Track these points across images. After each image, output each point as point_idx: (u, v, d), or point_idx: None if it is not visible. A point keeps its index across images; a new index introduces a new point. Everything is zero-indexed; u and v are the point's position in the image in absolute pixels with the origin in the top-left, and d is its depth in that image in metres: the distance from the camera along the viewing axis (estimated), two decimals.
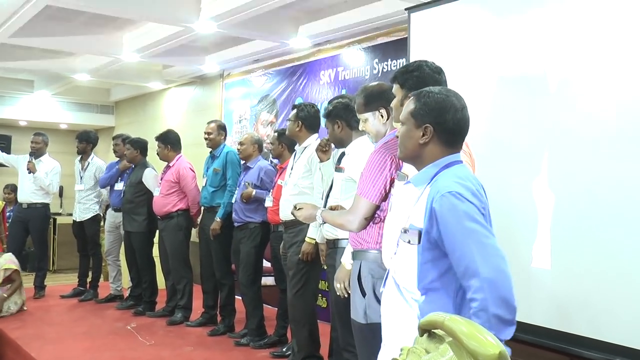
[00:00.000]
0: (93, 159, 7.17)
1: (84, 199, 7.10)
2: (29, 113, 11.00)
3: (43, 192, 7.16)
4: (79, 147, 7.16)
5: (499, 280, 1.87)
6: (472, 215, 1.93)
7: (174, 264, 5.96)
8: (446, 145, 2.12)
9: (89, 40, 7.15)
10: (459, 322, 1.78)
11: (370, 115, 2.94)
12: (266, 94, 7.43)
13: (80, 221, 7.13)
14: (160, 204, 5.91)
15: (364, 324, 2.76)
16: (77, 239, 7.30)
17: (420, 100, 2.14)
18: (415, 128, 2.13)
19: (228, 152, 5.57)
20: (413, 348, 1.93)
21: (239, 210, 5.24)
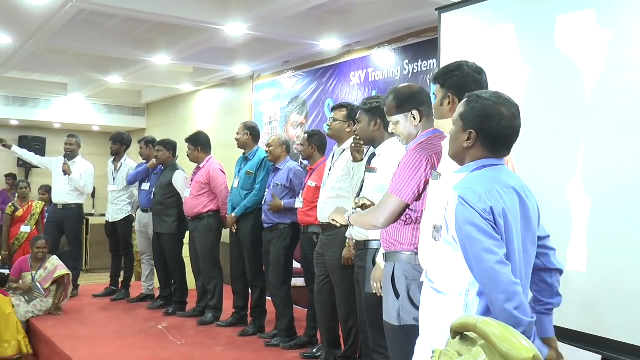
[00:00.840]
0: (126, 161, 7.27)
1: (116, 200, 7.20)
2: (63, 115, 11.19)
3: (77, 193, 7.29)
4: (113, 148, 7.26)
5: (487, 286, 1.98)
6: (469, 219, 2.01)
7: (204, 265, 6.00)
8: (489, 151, 2.16)
9: (120, 43, 7.24)
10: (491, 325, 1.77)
11: (402, 118, 2.91)
12: (296, 96, 7.45)
13: (112, 222, 7.23)
14: (190, 205, 5.96)
15: (397, 326, 2.76)
16: (109, 239, 7.40)
17: (470, 104, 2.17)
18: (462, 131, 2.17)
19: (264, 157, 5.57)
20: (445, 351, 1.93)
21: (269, 211, 5.26)
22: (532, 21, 3.89)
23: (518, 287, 1.96)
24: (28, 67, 8.74)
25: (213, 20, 5.93)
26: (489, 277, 1.97)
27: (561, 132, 3.66)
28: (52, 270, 6.48)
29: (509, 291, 1.94)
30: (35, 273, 6.41)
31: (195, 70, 8.88)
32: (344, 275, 4.19)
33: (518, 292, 1.95)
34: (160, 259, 6.60)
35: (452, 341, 1.92)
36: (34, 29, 6.24)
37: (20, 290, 6.25)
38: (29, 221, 7.71)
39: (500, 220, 2.03)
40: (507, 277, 1.95)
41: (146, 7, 5.68)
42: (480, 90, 2.24)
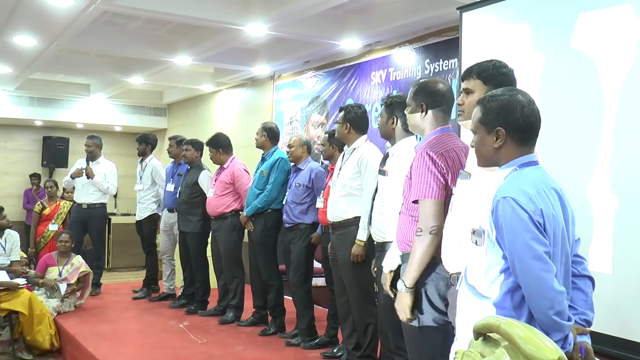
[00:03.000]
0: (151, 160, 7.33)
1: (142, 199, 7.28)
2: (86, 116, 11.32)
3: (101, 193, 7.39)
4: (139, 149, 7.33)
5: (532, 297, 1.93)
6: (519, 222, 1.94)
7: (226, 264, 6.02)
8: (520, 144, 2.12)
9: (142, 44, 7.30)
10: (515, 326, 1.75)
11: (414, 106, 2.94)
12: (317, 96, 7.45)
13: (139, 220, 7.32)
14: (214, 205, 5.98)
15: (416, 328, 2.74)
16: (140, 236, 7.50)
17: (486, 106, 2.15)
18: (487, 134, 2.14)
19: (279, 158, 5.58)
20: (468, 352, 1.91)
21: (290, 211, 5.27)
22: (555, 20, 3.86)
23: (563, 294, 1.92)
24: (52, 69, 8.85)
25: (234, 21, 5.95)
26: (535, 284, 1.92)
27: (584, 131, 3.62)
28: (78, 267, 6.61)
29: (554, 298, 1.90)
30: (62, 268, 6.52)
31: (216, 71, 8.92)
32: (355, 273, 4.20)
33: (562, 299, 1.92)
34: (186, 258, 6.64)
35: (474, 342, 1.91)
36: (58, 30, 6.31)
37: (44, 286, 6.33)
38: (56, 220, 7.85)
39: (549, 223, 1.98)
40: (553, 283, 1.91)
41: (168, 8, 5.72)
42: (490, 92, 2.21)
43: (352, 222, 4.23)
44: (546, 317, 1.90)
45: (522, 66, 3.97)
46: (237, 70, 8.33)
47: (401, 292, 2.75)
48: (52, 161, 11.69)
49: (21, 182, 11.64)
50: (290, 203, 5.26)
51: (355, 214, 4.21)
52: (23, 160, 11.82)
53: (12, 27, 6.30)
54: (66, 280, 6.48)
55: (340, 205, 4.33)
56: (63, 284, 6.43)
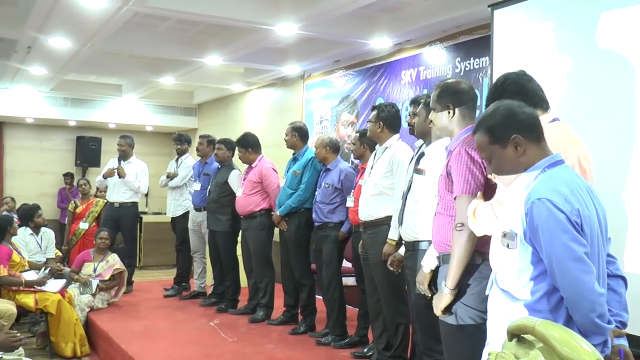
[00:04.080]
0: (187, 158, 7.41)
1: (176, 196, 7.35)
2: (117, 116, 11.48)
3: (133, 192, 7.51)
4: (180, 148, 7.41)
5: (573, 299, 1.90)
6: (556, 224, 1.91)
7: (256, 263, 6.04)
8: (537, 142, 2.10)
9: (174, 45, 7.36)
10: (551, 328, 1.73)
11: (440, 108, 2.94)
12: (347, 95, 7.44)
13: (174, 216, 7.40)
14: (243, 204, 6.01)
15: (455, 326, 2.73)
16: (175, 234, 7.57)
17: (488, 126, 2.14)
18: (504, 149, 2.12)
19: (312, 158, 5.58)
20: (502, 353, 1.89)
21: (319, 210, 5.27)
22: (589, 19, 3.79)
23: (603, 296, 1.89)
24: (85, 70, 8.99)
25: (264, 21, 5.97)
26: (576, 286, 1.89)
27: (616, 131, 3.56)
28: (112, 264, 6.73)
29: (595, 301, 1.88)
30: (97, 264, 6.65)
31: (246, 71, 8.96)
32: (386, 273, 4.17)
33: (603, 301, 1.89)
34: (215, 257, 6.68)
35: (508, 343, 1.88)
36: (91, 32, 6.40)
37: (78, 282, 6.45)
38: (87, 218, 7.96)
39: (585, 223, 1.95)
40: (593, 285, 1.88)
41: (198, 9, 5.75)
42: (480, 115, 2.21)
43: (383, 221, 4.22)
44: (587, 320, 1.87)
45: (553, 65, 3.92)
46: (267, 70, 8.35)
47: (442, 292, 2.74)
48: (85, 160, 11.87)
49: (55, 181, 11.86)
50: (320, 203, 5.27)
51: (386, 213, 4.20)
52: (57, 160, 12.03)
53: (47, 30, 6.40)
54: (100, 276, 6.61)
55: (372, 204, 4.32)
56: (95, 280, 6.54)
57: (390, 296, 4.29)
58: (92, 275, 6.57)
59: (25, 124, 11.72)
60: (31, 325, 6.46)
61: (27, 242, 6.67)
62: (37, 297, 5.74)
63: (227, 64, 8.05)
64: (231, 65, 8.28)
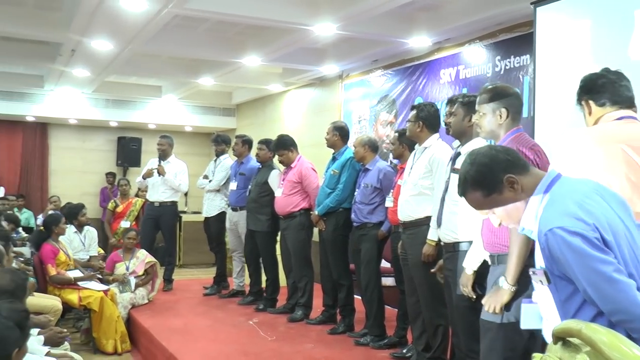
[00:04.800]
0: (226, 159, 7.44)
1: (212, 196, 7.40)
2: (157, 116, 11.63)
3: (172, 191, 7.60)
4: (218, 149, 7.45)
5: (622, 320, 1.83)
6: (580, 251, 1.84)
7: (295, 263, 6.06)
8: (526, 170, 2.10)
9: (212, 46, 7.42)
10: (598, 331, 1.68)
11: (491, 111, 2.93)
12: (385, 94, 7.41)
13: (209, 216, 7.44)
14: (282, 204, 6.04)
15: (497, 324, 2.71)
16: (207, 234, 7.62)
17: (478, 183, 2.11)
18: (501, 195, 2.09)
19: (350, 158, 5.57)
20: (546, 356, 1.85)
21: (358, 211, 5.26)
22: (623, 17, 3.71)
23: None
24: (126, 71, 9.14)
25: (302, 21, 5.97)
26: (619, 308, 1.82)
27: None
28: (143, 259, 6.89)
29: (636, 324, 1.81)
30: (128, 263, 6.79)
31: (284, 71, 8.98)
32: (426, 274, 4.15)
33: None
34: (251, 256, 6.72)
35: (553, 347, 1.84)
36: (132, 35, 6.49)
37: (115, 282, 6.58)
38: (128, 217, 8.09)
39: (606, 232, 1.88)
40: (636, 299, 1.81)
41: (237, 10, 5.79)
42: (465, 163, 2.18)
43: (423, 221, 4.19)
44: None
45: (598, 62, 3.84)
46: (305, 70, 8.36)
47: (502, 288, 2.69)
48: (126, 160, 12.05)
49: (98, 181, 12.08)
50: (359, 203, 5.26)
51: (426, 214, 4.16)
52: (99, 160, 12.24)
53: (90, 33, 6.51)
54: (134, 272, 6.76)
55: (411, 204, 4.30)
56: (132, 278, 6.68)
57: (429, 297, 4.26)
58: (127, 274, 6.69)
59: (69, 125, 11.96)
60: (75, 320, 6.59)
61: (71, 240, 6.81)
62: (81, 294, 5.87)
63: (266, 65, 8.08)
64: (269, 65, 8.31)
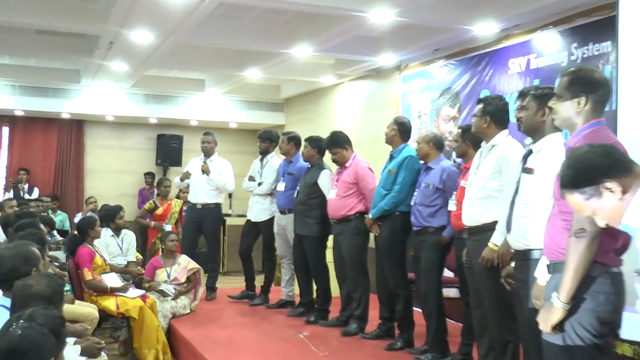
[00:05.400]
0: (273, 158, 7.49)
1: (261, 199, 7.42)
2: (200, 112, 11.83)
3: (216, 192, 7.71)
4: (262, 146, 7.49)
5: None
6: None
7: (350, 271, 6.06)
8: (630, 172, 2.24)
9: (260, 36, 7.49)
10: None
11: (569, 96, 2.88)
12: (448, 87, 7.36)
13: (255, 222, 7.48)
14: (336, 207, 6.05)
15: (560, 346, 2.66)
16: (242, 240, 7.64)
17: (577, 181, 2.30)
18: (600, 196, 2.20)
19: (408, 156, 5.56)
20: None
21: (418, 213, 5.25)
22: None
23: None
24: (167, 65, 9.33)
25: (357, 7, 5.98)
26: None
27: None
28: (185, 265, 6.99)
29: None
30: (170, 269, 6.92)
31: (337, 62, 9.00)
32: (494, 284, 4.09)
33: None
34: (300, 263, 6.75)
35: None
36: (174, 25, 6.61)
37: (151, 290, 6.69)
38: (169, 220, 8.22)
39: None
40: None
41: None
42: None
43: (490, 226, 4.13)
44: None
45: None
46: (360, 60, 8.37)
47: (553, 305, 2.66)
48: (166, 159, 12.25)
49: (136, 181, 12.35)
50: (419, 205, 5.24)
51: (494, 218, 4.10)
52: (138, 159, 12.52)
53: (129, 24, 6.66)
54: (175, 280, 6.86)
55: (478, 208, 4.26)
56: (169, 285, 6.77)
57: (497, 311, 4.20)
58: (168, 281, 6.81)
59: (106, 122, 12.26)
60: (112, 330, 6.76)
61: (107, 244, 6.93)
62: (119, 301, 6.01)
63: (317, 55, 8.12)
64: (321, 56, 8.35)
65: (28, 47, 8.51)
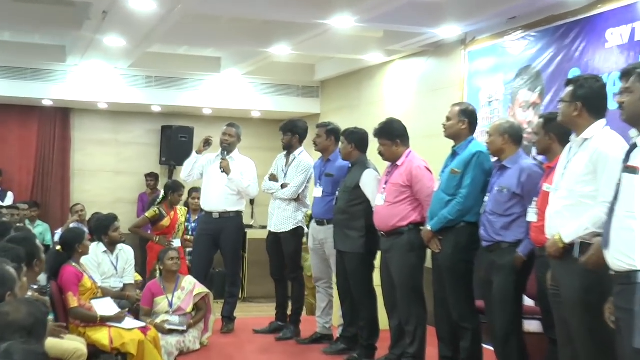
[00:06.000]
0: (301, 155, 7.53)
1: (283, 205, 7.46)
2: (215, 99, 11.88)
3: (237, 197, 7.72)
4: (284, 140, 7.56)
5: None
6: None
7: (402, 297, 6.05)
8: None
9: (290, 4, 7.48)
10: None
11: None
12: (526, 65, 7.29)
13: (276, 232, 7.51)
14: (385, 216, 6.04)
15: None
16: (270, 256, 7.71)
17: None
18: None
19: (477, 153, 5.54)
20: None
21: (488, 225, 5.24)
22: None
23: None
24: (174, 40, 9.38)
25: None
26: None
27: None
28: (191, 290, 6.97)
29: None
30: (171, 296, 6.87)
31: (386, 35, 8.98)
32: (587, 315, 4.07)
33: None
34: (345, 287, 6.74)
35: None
36: None
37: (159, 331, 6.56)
38: (177, 233, 8.18)
39: None
40: None
41: None
42: None
43: None
44: None
45: None
46: (415, 33, 8.34)
47: None
48: (173, 157, 12.16)
49: (135, 184, 12.44)
50: (490, 214, 5.24)
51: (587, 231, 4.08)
52: (138, 157, 12.62)
53: None
54: (180, 310, 6.83)
55: (566, 218, 4.23)
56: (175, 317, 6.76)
57: (592, 349, 4.16)
58: (170, 312, 6.79)
59: (98, 111, 12.37)
60: None
61: (99, 263, 6.93)
62: (113, 334, 5.99)
63: (361, 27, 8.10)
64: (366, 27, 8.32)
65: (2, 17, 8.55)
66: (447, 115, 5.78)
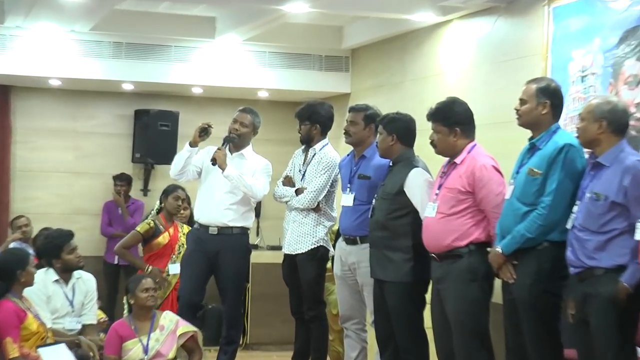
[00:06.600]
0: (323, 149, 7.58)
1: (300, 217, 7.51)
2: (207, 74, 11.76)
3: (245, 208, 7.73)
4: (302, 130, 7.64)
5: None
6: None
7: (460, 344, 6.06)
8: None
9: None
10: None
11: None
12: (634, 26, 7.27)
13: (291, 254, 7.57)
14: (437, 233, 6.07)
15: None
16: (290, 287, 7.77)
17: None
18: None
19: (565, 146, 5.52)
20: None
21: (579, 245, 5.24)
22: None
23: None
24: None
25: None
26: None
27: None
28: (173, 329, 6.92)
29: None
30: (147, 339, 6.82)
31: None
32: None
33: None
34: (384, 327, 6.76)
35: None
36: None
37: None
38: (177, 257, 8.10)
39: None
40: None
41: None
42: None
43: None
44: None
45: None
46: None
47: None
48: (150, 152, 12.19)
49: (100, 190, 12.39)
50: (580, 230, 5.25)
51: None
52: (103, 152, 12.58)
53: None
54: (160, 356, 6.80)
55: None
56: None
57: None
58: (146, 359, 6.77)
59: (48, 90, 12.32)
60: None
61: (49, 296, 6.97)
62: None
63: None
64: None
65: None
66: (521, 97, 5.77)
